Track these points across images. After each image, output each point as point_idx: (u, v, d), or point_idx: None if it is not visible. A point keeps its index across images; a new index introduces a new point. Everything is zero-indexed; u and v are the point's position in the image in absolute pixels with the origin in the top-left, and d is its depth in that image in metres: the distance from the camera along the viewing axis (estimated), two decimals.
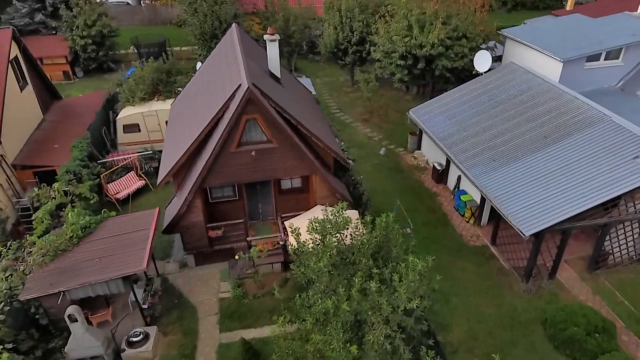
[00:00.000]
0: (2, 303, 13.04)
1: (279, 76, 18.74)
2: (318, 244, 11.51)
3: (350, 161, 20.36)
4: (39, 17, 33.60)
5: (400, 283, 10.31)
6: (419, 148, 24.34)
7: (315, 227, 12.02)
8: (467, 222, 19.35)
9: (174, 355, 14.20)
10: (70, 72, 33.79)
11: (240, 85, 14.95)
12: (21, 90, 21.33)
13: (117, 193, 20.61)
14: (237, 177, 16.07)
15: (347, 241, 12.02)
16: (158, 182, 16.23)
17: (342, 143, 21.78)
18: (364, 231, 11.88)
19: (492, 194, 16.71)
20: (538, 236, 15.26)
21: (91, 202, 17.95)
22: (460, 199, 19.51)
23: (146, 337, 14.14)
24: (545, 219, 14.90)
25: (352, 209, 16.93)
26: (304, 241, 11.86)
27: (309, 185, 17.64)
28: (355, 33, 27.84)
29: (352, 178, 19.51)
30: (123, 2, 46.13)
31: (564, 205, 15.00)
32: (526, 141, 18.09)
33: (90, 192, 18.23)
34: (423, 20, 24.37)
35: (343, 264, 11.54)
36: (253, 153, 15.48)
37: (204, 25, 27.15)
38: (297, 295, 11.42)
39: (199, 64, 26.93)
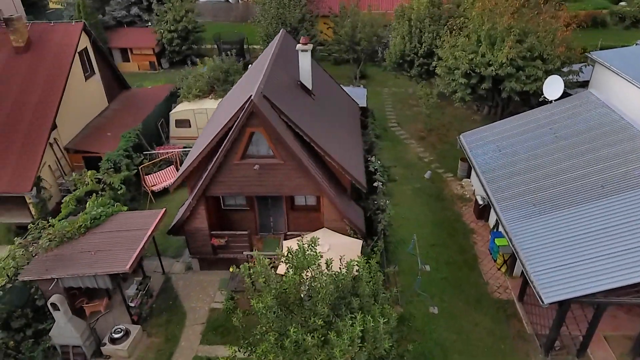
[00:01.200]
0: (6, 281, 14.10)
1: (310, 87, 17.99)
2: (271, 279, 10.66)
3: (380, 183, 19.05)
4: (134, 10, 36.37)
5: (339, 339, 9.12)
6: (468, 176, 22.10)
7: (287, 258, 11.22)
8: (498, 269, 17.05)
9: (151, 358, 14.30)
10: (156, 63, 36.16)
11: (250, 96, 14.50)
12: (86, 79, 23.07)
13: (154, 185, 21.43)
14: (241, 189, 15.71)
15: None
16: (171, 185, 16.48)
17: (378, 162, 20.39)
18: (326, 273, 10.73)
19: (521, 244, 14.44)
20: (562, 304, 12.85)
21: (119, 192, 18.79)
22: (494, 242, 17.22)
23: (126, 334, 14.42)
24: (571, 288, 12.50)
25: (358, 238, 15.77)
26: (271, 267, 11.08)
27: (319, 205, 16.75)
28: (423, 45, 26.02)
29: (375, 202, 18.16)
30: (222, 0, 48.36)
31: (599, 275, 12.45)
32: (578, 188, 15.37)
33: (120, 183, 19.11)
34: (494, 36, 21.97)
35: (295, 307, 10.57)
36: (256, 167, 14.97)
37: (269, 27, 27.23)
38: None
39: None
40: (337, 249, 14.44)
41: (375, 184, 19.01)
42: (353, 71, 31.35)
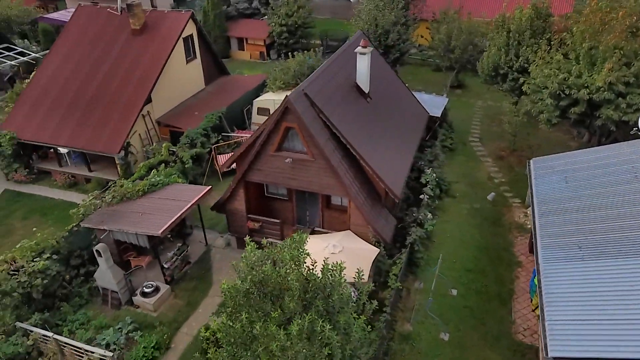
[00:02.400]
0: (73, 225, 16.77)
1: (366, 90, 18.04)
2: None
3: (426, 196, 18.48)
4: (255, 3, 39.19)
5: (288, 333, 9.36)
6: None
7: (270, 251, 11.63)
8: (533, 310, 15.51)
9: (170, 317, 15.91)
10: (265, 54, 38.63)
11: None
12: (187, 62, 25.77)
13: (223, 164, 23.29)
14: (275, 179, 16.49)
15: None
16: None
17: (434, 175, 19.67)
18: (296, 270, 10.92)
19: (548, 287, 13.06)
20: None
21: (186, 166, 20.86)
22: (534, 280, 15.69)
23: (156, 290, 16.22)
24: (583, 347, 11.09)
25: (379, 247, 15.58)
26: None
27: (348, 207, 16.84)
28: (520, 58, 24.14)
29: (413, 214, 17.69)
30: None
31: (617, 341, 10.84)
32: (637, 238, 13.33)
33: (190, 158, 21.19)
34: (595, 55, 19.69)
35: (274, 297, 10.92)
36: (287, 160, 15.62)
37: (362, 28, 27.46)
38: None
39: None
40: (349, 252, 14.52)
41: (421, 196, 18.51)
42: (450, 79, 30.15)
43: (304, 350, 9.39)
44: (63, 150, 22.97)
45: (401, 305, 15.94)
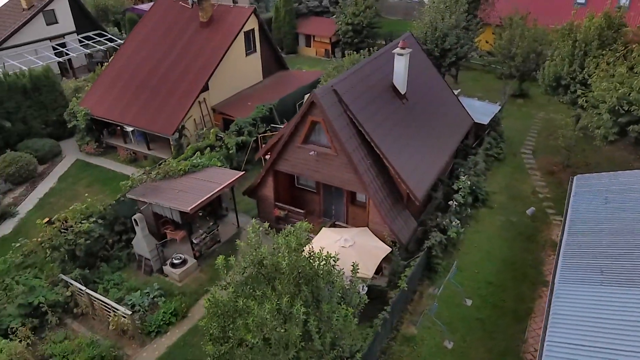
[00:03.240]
0: (121, 195, 18.57)
1: (402, 91, 18.08)
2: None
3: (455, 203, 18.19)
4: (325, 1, 40.00)
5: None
6: None
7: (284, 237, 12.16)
8: None
9: (192, 288, 17.14)
10: (330, 52, 39.35)
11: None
12: (246, 55, 27.14)
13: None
14: (300, 171, 17.12)
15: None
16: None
17: (468, 182, 19.22)
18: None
19: (557, 307, 12.51)
20: None
21: (230, 152, 22.12)
22: None
23: (183, 262, 17.54)
24: None
25: (394, 247, 15.67)
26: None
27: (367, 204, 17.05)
28: (584, 70, 22.72)
29: (437, 219, 17.50)
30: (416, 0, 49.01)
31: None
32: None
33: (236, 145, 22.44)
34: None
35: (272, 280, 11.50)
36: (312, 153, 16.17)
37: (421, 30, 27.22)
38: None
39: None
40: (359, 248, 14.81)
41: (449, 203, 18.27)
42: (509, 87, 28.97)
43: (278, 330, 9.92)
44: (128, 129, 25.23)
45: (410, 308, 15.92)
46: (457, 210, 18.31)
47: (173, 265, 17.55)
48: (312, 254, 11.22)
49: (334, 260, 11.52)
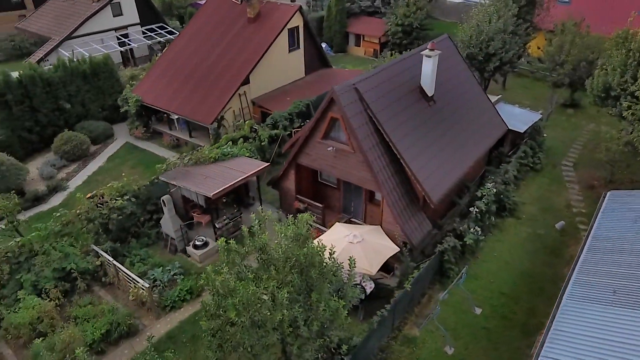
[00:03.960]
0: (154, 177, 19.83)
1: (430, 94, 17.98)
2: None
3: (475, 210, 17.85)
4: (378, 1, 40.01)
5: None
6: None
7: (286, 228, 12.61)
8: None
9: (210, 269, 17.98)
10: (379, 52, 39.31)
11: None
12: (289, 52, 27.84)
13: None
14: (319, 165, 17.50)
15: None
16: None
17: (494, 190, 18.78)
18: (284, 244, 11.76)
19: (559, 324, 12.15)
20: None
21: (262, 144, 22.89)
22: None
23: (205, 245, 18.48)
24: None
25: (404, 248, 15.72)
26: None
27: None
28: (637, 82, 21.40)
29: (454, 224, 17.29)
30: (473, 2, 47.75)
31: None
32: None
33: (269, 138, 23.19)
34: None
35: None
36: (330, 149, 16.50)
37: (464, 34, 26.62)
38: None
39: None
40: (366, 245, 14.99)
41: (470, 209, 17.99)
42: (556, 96, 27.72)
43: (262, 312, 10.39)
44: (174, 116, 26.71)
45: (417, 310, 15.89)
46: (478, 218, 17.96)
47: (195, 247, 18.52)
48: (307, 244, 11.59)
49: (330, 253, 11.91)
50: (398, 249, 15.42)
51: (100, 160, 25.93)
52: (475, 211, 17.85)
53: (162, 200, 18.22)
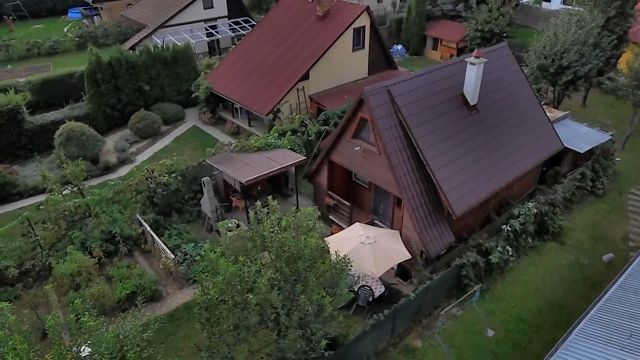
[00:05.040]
0: (202, 159, 21.26)
1: (472, 101, 17.32)
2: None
3: (508, 227, 16.96)
4: (460, 6, 38.70)
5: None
6: None
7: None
8: None
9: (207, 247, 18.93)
10: (455, 56, 38.05)
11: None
12: (353, 51, 28.07)
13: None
14: (348, 164, 17.64)
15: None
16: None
17: (534, 211, 17.63)
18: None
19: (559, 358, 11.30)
20: None
21: (309, 139, 23.45)
22: None
23: (237, 227, 19.46)
24: None
25: (419, 256, 15.43)
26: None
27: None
28: None
29: (481, 240, 16.56)
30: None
31: None
32: None
33: (317, 133, 23.70)
34: None
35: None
36: (357, 148, 16.59)
37: (538, 43, 24.92)
38: None
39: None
40: (377, 247, 14.95)
41: (502, 227, 17.15)
42: (638, 117, 25.03)
43: (241, 295, 10.93)
44: (237, 105, 28.23)
45: (426, 322, 15.51)
46: (510, 237, 17.00)
47: (227, 229, 19.56)
48: (304, 237, 11.91)
49: (323, 248, 12.17)
50: (409, 256, 15.16)
51: (168, 139, 28.18)
52: (507, 230, 16.92)
53: (202, 182, 19.51)
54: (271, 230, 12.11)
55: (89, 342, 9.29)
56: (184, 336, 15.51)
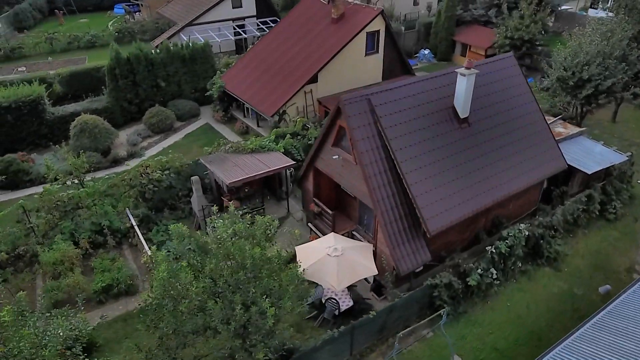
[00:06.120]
0: (196, 159, 21.47)
1: (462, 114, 16.47)
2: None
3: (493, 249, 16.05)
4: (492, 11, 37.09)
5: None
6: None
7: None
8: None
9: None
10: None
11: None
12: (366, 55, 27.50)
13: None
14: (329, 171, 17.24)
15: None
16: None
17: (525, 233, 16.57)
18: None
19: None
20: None
21: (309, 142, 23.15)
22: None
23: None
24: None
25: (385, 272, 14.86)
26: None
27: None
28: None
29: (459, 260, 15.74)
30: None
31: None
32: None
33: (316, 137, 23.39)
34: None
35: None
36: (335, 157, 16.17)
37: (565, 58, 23.35)
38: None
39: None
40: (343, 260, 14.49)
41: (487, 248, 16.26)
42: None
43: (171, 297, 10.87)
44: (247, 105, 28.37)
45: (391, 340, 14.86)
46: (495, 259, 16.05)
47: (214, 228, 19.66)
48: (244, 246, 11.71)
49: (269, 258, 11.91)
50: (376, 272, 14.59)
51: (179, 135, 28.72)
52: (491, 251, 15.98)
53: (191, 180, 19.69)
54: (219, 237, 11.99)
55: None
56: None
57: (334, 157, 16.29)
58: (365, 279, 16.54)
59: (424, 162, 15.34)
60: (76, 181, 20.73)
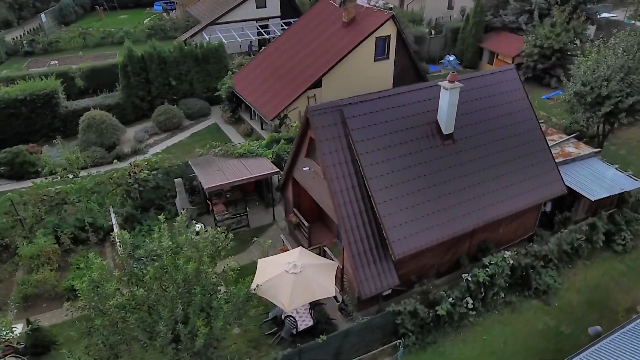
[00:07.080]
0: (184, 161, 21.30)
1: (445, 130, 15.32)
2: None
3: (469, 277, 14.89)
4: (522, 18, 35.00)
5: None
6: None
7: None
8: None
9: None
10: None
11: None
12: (375, 60, 26.52)
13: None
14: (303, 182, 16.54)
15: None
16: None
17: (509, 262, 15.24)
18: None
19: None
20: None
21: None
22: None
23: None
24: None
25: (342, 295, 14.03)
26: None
27: None
28: None
29: (430, 287, 14.67)
30: None
31: None
32: None
33: None
34: None
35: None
36: (305, 168, 15.46)
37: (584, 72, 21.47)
38: None
39: None
40: (301, 278, 13.74)
41: (463, 275, 15.11)
42: None
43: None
44: (252, 107, 28.04)
45: None
46: (471, 288, 14.84)
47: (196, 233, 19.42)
48: (177, 258, 11.30)
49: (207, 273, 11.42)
50: (334, 294, 13.75)
51: (185, 134, 28.80)
52: (468, 278, 14.78)
53: (175, 181, 19.53)
54: (154, 249, 11.63)
55: None
56: None
57: (304, 168, 15.59)
58: (334, 297, 15.74)
59: (396, 180, 14.37)
60: (71, 176, 21.07)
